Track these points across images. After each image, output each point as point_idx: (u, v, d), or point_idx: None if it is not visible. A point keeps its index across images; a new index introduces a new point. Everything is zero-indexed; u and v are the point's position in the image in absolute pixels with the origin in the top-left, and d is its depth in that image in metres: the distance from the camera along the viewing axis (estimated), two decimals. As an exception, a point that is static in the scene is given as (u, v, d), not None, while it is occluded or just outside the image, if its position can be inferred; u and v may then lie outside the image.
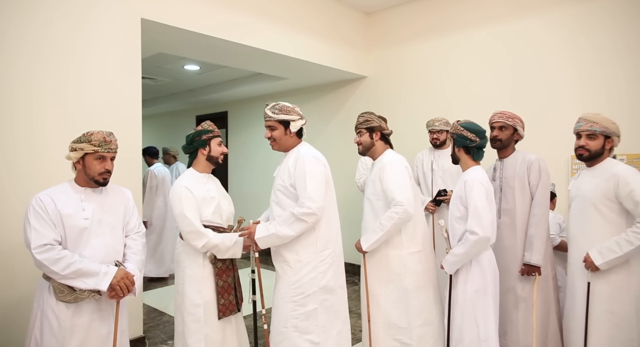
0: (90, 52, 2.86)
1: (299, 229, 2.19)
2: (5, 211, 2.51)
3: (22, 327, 2.38)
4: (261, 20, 3.89)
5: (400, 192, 2.39)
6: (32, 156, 2.61)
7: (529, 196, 2.51)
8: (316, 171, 2.24)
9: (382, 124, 2.63)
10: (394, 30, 4.85)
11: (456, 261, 2.24)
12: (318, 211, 2.18)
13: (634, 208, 2.04)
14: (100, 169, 1.94)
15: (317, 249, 2.27)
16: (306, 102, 5.79)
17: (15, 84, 2.56)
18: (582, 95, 3.60)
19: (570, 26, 3.65)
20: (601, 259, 2.08)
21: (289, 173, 2.27)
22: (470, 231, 2.16)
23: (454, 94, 4.36)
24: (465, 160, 2.38)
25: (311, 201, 2.16)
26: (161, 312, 4.02)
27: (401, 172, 2.47)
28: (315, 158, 2.30)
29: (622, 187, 2.07)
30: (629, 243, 2.02)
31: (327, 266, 2.30)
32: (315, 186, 2.20)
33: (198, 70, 5.57)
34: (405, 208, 2.35)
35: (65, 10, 2.76)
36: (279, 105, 2.32)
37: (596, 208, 2.16)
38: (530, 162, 2.50)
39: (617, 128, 2.20)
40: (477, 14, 4.19)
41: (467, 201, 2.21)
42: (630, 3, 3.38)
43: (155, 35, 3.47)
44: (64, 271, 1.78)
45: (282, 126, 2.32)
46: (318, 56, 4.44)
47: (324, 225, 2.30)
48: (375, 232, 2.45)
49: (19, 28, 2.58)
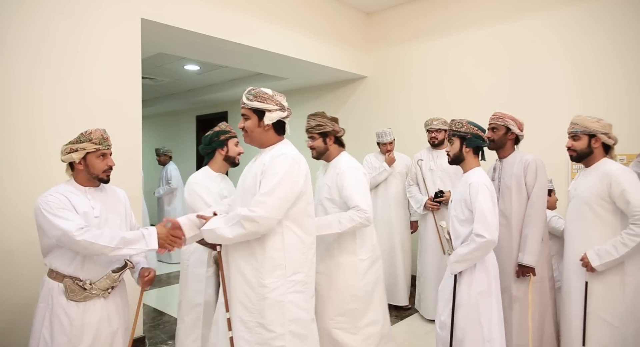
0: (90, 52, 2.86)
1: (237, 234, 1.77)
2: (6, 211, 2.51)
3: (24, 326, 2.39)
4: (261, 21, 3.89)
5: (362, 200, 2.32)
6: (32, 156, 2.62)
7: (525, 196, 2.51)
8: (289, 178, 1.82)
9: (336, 127, 2.53)
10: (394, 30, 4.85)
11: (460, 261, 2.21)
12: (262, 221, 1.75)
13: (626, 207, 2.06)
14: (104, 166, 1.96)
15: (286, 272, 1.86)
16: (306, 102, 5.79)
17: (15, 84, 2.57)
18: (582, 95, 3.60)
19: (569, 26, 3.66)
20: (598, 260, 2.10)
21: (261, 173, 1.87)
22: (477, 234, 2.14)
23: (453, 94, 4.36)
24: (470, 161, 2.35)
25: (261, 207, 1.75)
26: (161, 312, 4.02)
27: (361, 179, 2.41)
28: (298, 164, 1.89)
29: (614, 186, 2.09)
30: (625, 245, 2.04)
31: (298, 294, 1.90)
32: (278, 192, 1.79)
33: (198, 70, 5.57)
34: (368, 216, 2.30)
35: (66, 10, 2.76)
36: (255, 90, 1.94)
37: (591, 208, 2.17)
38: (527, 163, 2.50)
39: (600, 126, 2.20)
40: (477, 14, 4.19)
41: (472, 204, 2.18)
42: (630, 3, 3.39)
43: (155, 35, 3.47)
44: (112, 243, 1.78)
45: (255, 116, 1.93)
46: (318, 56, 4.44)
47: (294, 244, 1.88)
48: (331, 227, 2.33)
49: (20, 28, 2.58)
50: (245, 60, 4.39)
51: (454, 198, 2.36)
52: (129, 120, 3.05)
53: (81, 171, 1.95)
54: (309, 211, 1.96)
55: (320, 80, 5.38)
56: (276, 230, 1.85)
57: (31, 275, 2.48)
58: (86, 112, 2.83)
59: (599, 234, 2.15)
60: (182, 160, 8.16)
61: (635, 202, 2.02)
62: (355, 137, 5.14)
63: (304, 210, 1.93)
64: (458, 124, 2.35)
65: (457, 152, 2.35)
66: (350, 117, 5.25)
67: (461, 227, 2.25)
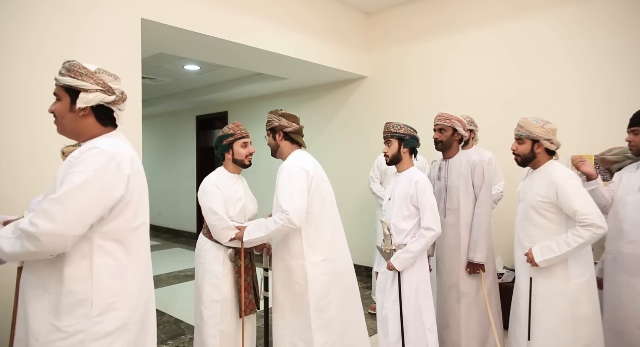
0: (90, 52, 2.86)
1: (15, 251, 1.30)
2: (8, 210, 2.50)
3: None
4: (261, 20, 3.89)
5: (285, 199, 2.17)
6: (32, 156, 2.61)
7: (472, 196, 2.62)
8: (97, 179, 1.34)
9: (283, 121, 2.37)
10: (394, 30, 4.85)
11: (411, 257, 2.36)
12: (48, 239, 1.26)
13: (574, 215, 2.10)
14: None
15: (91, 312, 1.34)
16: (306, 102, 5.79)
17: (15, 84, 2.56)
18: (582, 95, 3.60)
19: (570, 26, 3.66)
20: (541, 256, 2.16)
21: (62, 173, 1.38)
22: (427, 228, 2.34)
23: (454, 94, 4.36)
24: (406, 161, 2.52)
25: (47, 219, 1.27)
26: (161, 312, 4.02)
27: (296, 177, 2.23)
28: (117, 162, 1.39)
29: (560, 196, 2.13)
30: (567, 245, 2.09)
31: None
32: (77, 198, 1.30)
33: (198, 70, 5.57)
34: (289, 218, 2.14)
35: (65, 10, 2.76)
36: (70, 62, 1.47)
37: (536, 210, 2.23)
38: (474, 164, 2.61)
39: (544, 132, 2.22)
40: (477, 13, 4.19)
41: (418, 200, 2.37)
42: (631, 3, 3.38)
43: (155, 35, 3.47)
44: None
45: (67, 96, 1.46)
46: (318, 56, 4.44)
47: (107, 271, 1.39)
48: (259, 230, 2.24)
49: (19, 28, 2.58)
50: (245, 60, 4.39)
51: (396, 195, 2.48)
52: (129, 120, 3.03)
53: None
54: (137, 225, 1.46)
55: (320, 80, 5.38)
56: (82, 251, 1.35)
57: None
58: (86, 112, 2.83)
59: (545, 235, 2.21)
60: (182, 160, 8.16)
61: (581, 210, 2.06)
62: (356, 137, 5.14)
63: (130, 224, 1.43)
64: (396, 126, 2.50)
65: (395, 152, 2.50)
66: (350, 117, 5.25)
67: (405, 222, 2.41)
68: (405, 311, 2.37)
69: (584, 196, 2.10)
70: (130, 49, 3.05)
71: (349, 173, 5.16)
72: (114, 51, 2.97)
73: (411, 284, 2.38)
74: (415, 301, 2.37)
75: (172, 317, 3.85)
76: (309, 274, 2.28)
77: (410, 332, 2.36)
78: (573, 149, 3.54)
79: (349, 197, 5.13)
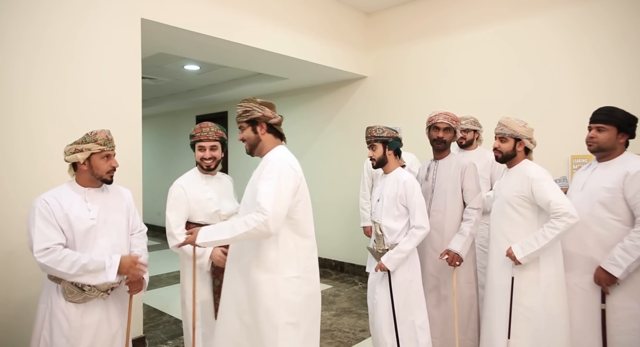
0: (89, 52, 2.86)
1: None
2: (5, 211, 2.50)
3: (25, 326, 2.39)
4: (261, 21, 3.89)
5: (268, 197, 1.76)
6: (31, 156, 2.61)
7: (460, 199, 2.61)
8: None
9: (267, 112, 1.96)
10: (394, 30, 4.85)
11: (403, 258, 2.38)
12: None
13: (547, 206, 2.18)
14: (108, 167, 1.97)
15: None
16: (306, 102, 5.79)
17: (14, 84, 2.56)
18: (584, 94, 3.60)
19: (571, 25, 3.65)
20: (522, 253, 2.21)
21: None
22: (418, 227, 2.38)
23: (454, 94, 4.36)
24: (392, 162, 2.54)
25: None
26: (161, 312, 4.02)
27: (285, 176, 1.85)
28: None
29: (535, 190, 2.21)
30: (545, 237, 2.15)
31: None
32: None
33: (198, 70, 5.57)
34: (266, 219, 1.73)
35: (64, 10, 2.76)
36: None
37: (512, 207, 2.30)
38: (464, 167, 2.61)
39: (526, 131, 2.31)
40: (477, 13, 4.19)
41: (407, 200, 2.41)
42: (632, 3, 3.38)
43: (155, 35, 3.46)
44: (71, 270, 1.78)
45: None
46: (318, 56, 4.44)
47: None
48: (220, 232, 1.83)
49: (18, 28, 2.58)
50: (245, 60, 4.39)
51: (385, 195, 2.50)
52: (129, 121, 3.04)
53: (84, 172, 1.95)
54: None
55: (321, 80, 5.38)
56: None
57: (31, 275, 2.48)
58: (86, 112, 2.83)
59: (521, 231, 2.27)
60: (182, 160, 8.16)
61: (555, 201, 2.14)
62: (355, 137, 5.13)
63: None
64: (379, 130, 2.50)
65: (381, 155, 2.51)
66: (351, 117, 5.25)
67: (396, 222, 2.44)
68: (396, 310, 2.39)
69: (557, 189, 2.20)
70: (130, 49, 3.05)
71: (349, 173, 5.16)
72: (114, 51, 2.97)
73: (403, 283, 2.40)
74: (406, 299, 2.39)
75: (172, 317, 3.85)
76: (280, 293, 1.85)
77: (403, 329, 2.38)
78: (575, 149, 3.54)
79: (349, 197, 5.13)
